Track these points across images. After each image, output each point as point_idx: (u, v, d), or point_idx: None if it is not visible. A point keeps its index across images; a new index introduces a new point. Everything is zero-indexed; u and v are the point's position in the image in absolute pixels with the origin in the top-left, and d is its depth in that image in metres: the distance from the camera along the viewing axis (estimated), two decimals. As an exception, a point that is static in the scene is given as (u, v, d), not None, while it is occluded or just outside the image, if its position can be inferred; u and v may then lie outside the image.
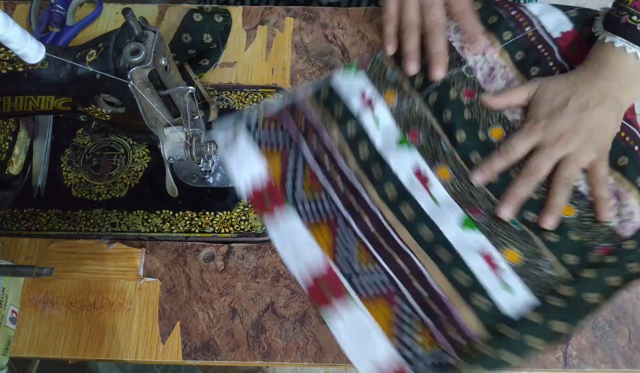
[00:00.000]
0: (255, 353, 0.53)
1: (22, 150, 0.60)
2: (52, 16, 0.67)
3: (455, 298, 0.50)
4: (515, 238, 0.53)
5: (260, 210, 0.55)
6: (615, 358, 0.52)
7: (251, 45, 0.67)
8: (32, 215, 0.58)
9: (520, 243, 0.53)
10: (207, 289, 0.55)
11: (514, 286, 0.50)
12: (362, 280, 0.52)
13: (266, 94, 0.64)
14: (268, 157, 0.56)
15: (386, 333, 0.50)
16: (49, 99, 0.48)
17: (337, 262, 0.52)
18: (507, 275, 0.51)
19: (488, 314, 0.49)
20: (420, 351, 0.49)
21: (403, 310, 0.50)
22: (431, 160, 0.57)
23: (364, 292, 0.51)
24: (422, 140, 0.58)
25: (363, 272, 0.52)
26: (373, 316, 0.50)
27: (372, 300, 0.51)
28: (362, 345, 0.49)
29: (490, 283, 0.51)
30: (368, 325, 0.50)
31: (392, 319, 0.50)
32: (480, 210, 0.54)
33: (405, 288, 0.51)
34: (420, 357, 0.48)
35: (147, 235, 0.57)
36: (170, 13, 0.69)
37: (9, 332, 0.53)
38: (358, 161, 0.56)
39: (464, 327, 0.49)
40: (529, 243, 0.52)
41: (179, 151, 0.52)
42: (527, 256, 0.52)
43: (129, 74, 0.44)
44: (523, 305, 0.49)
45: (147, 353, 0.53)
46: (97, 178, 0.60)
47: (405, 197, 0.55)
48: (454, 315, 0.49)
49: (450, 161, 0.57)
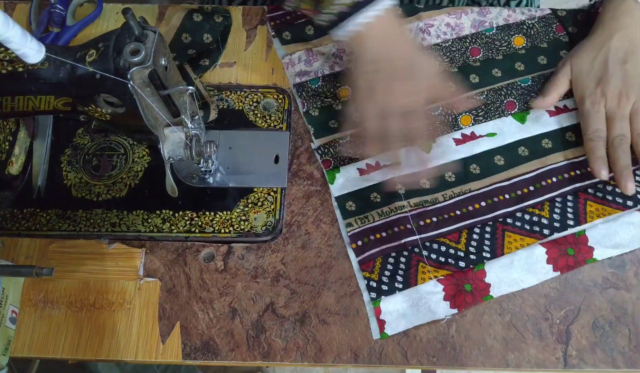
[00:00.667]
0: (255, 353, 0.53)
1: (22, 150, 0.60)
2: (52, 16, 0.67)
3: None
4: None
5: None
6: (615, 358, 0.52)
7: (251, 45, 0.67)
8: (32, 215, 0.58)
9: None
10: (207, 289, 0.55)
11: None
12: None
13: (266, 94, 0.64)
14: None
15: None
16: (49, 99, 0.48)
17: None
18: None
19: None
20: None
21: None
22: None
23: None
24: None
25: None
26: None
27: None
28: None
29: None
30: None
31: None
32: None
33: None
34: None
35: (147, 235, 0.57)
36: (170, 13, 0.69)
37: (9, 332, 0.53)
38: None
39: None
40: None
41: (179, 151, 0.52)
42: None
43: (129, 74, 0.44)
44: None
45: (147, 353, 0.53)
46: (97, 178, 0.60)
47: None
48: None
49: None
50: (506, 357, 0.52)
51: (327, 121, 0.62)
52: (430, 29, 0.66)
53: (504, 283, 0.54)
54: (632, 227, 0.56)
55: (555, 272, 0.55)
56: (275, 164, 0.60)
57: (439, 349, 0.53)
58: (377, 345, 0.53)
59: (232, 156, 0.61)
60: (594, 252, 0.55)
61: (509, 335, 0.53)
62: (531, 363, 0.52)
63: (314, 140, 0.62)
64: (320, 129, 0.62)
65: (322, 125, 0.62)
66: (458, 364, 0.52)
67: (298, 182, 0.60)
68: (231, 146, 0.61)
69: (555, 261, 0.55)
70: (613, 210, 0.57)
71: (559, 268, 0.55)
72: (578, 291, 0.55)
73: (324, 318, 0.54)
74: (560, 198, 0.58)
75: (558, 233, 0.56)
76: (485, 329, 0.53)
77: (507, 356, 0.52)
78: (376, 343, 0.53)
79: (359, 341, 0.53)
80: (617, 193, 0.57)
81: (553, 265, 0.55)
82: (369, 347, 0.53)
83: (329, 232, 0.57)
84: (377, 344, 0.53)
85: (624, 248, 0.56)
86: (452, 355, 0.53)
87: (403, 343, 0.53)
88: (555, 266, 0.55)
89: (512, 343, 0.53)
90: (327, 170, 0.60)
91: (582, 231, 0.56)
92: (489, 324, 0.54)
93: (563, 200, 0.58)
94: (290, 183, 0.60)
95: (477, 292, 0.54)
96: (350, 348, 0.53)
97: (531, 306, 0.54)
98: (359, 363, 0.52)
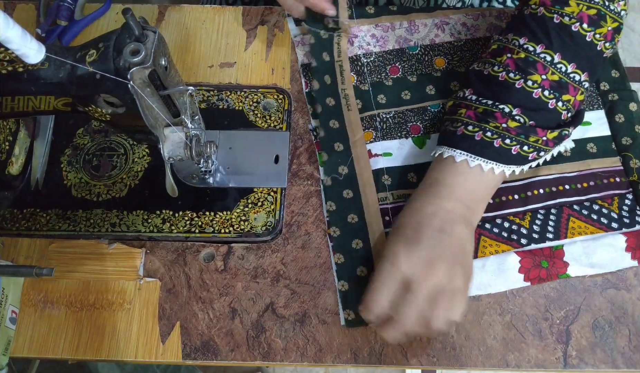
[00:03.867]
0: (255, 354, 0.53)
1: (22, 150, 0.60)
2: (61, 10, 0.67)
3: None
4: None
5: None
6: (615, 359, 0.52)
7: (251, 45, 0.67)
8: (32, 215, 0.58)
9: None
10: (207, 289, 0.55)
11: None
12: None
13: (266, 94, 0.64)
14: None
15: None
16: (49, 99, 0.48)
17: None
18: None
19: None
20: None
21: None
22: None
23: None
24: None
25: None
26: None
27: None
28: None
29: None
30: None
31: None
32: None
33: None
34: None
35: (147, 235, 0.57)
36: (170, 13, 0.69)
37: (9, 332, 0.53)
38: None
39: None
40: None
41: (179, 151, 0.52)
42: None
43: (129, 74, 0.43)
44: None
45: (147, 353, 0.53)
46: (97, 178, 0.60)
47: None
48: None
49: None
50: (506, 357, 0.52)
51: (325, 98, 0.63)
52: (353, 39, 0.66)
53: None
54: (613, 249, 0.55)
55: (525, 282, 0.54)
56: (275, 164, 0.60)
57: (439, 349, 0.53)
58: (377, 345, 0.53)
59: (232, 156, 0.61)
60: (568, 268, 0.55)
61: (509, 335, 0.53)
62: (531, 363, 0.52)
63: (312, 120, 0.62)
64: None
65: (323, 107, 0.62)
66: (458, 364, 0.52)
67: (298, 182, 0.60)
68: (231, 146, 0.61)
69: (527, 271, 0.55)
70: (596, 230, 0.56)
71: (530, 279, 0.55)
72: (578, 291, 0.55)
73: (324, 318, 0.54)
74: (543, 211, 0.57)
75: (536, 244, 0.56)
76: (485, 329, 0.53)
77: (507, 356, 0.52)
78: (376, 343, 0.53)
79: (359, 341, 0.53)
80: (603, 214, 0.57)
81: (524, 274, 0.55)
82: (369, 347, 0.53)
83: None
84: (377, 344, 0.53)
85: (601, 268, 0.55)
86: (452, 355, 0.53)
87: (403, 343, 0.53)
88: (526, 276, 0.55)
89: (512, 344, 0.53)
90: (319, 152, 0.60)
91: (560, 246, 0.55)
92: (489, 324, 0.54)
93: (546, 212, 0.57)
94: (290, 183, 0.60)
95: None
96: (350, 348, 0.53)
97: (531, 306, 0.54)
98: (359, 363, 0.52)
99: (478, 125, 0.52)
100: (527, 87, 0.51)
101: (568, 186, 0.58)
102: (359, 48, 0.66)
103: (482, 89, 0.54)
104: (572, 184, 0.58)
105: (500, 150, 0.51)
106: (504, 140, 0.51)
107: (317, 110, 0.62)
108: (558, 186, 0.58)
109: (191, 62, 0.66)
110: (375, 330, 0.52)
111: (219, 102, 0.63)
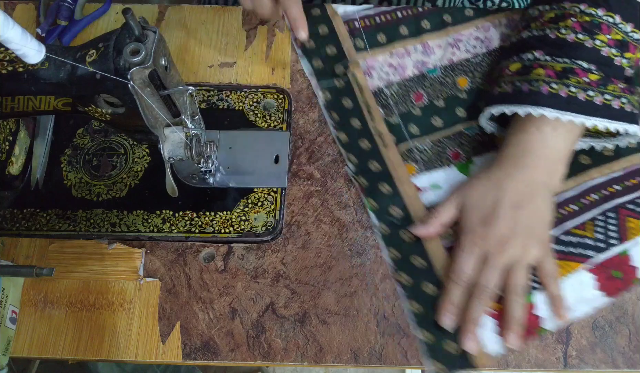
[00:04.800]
0: (255, 354, 0.53)
1: (22, 150, 0.60)
2: (61, 10, 0.67)
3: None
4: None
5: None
6: (615, 359, 0.52)
7: (251, 45, 0.67)
8: (32, 215, 0.58)
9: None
10: (207, 289, 0.55)
11: None
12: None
13: (266, 94, 0.64)
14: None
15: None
16: (49, 99, 0.48)
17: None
18: None
19: None
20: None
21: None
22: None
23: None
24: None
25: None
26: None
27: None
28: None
29: None
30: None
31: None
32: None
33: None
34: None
35: (147, 235, 0.57)
36: (170, 13, 0.69)
37: (9, 332, 0.53)
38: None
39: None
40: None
41: (179, 151, 0.52)
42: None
43: (129, 74, 0.44)
44: None
45: (147, 353, 0.53)
46: (97, 178, 0.60)
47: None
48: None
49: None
50: (506, 357, 0.52)
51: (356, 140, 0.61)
52: (372, 71, 0.65)
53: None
54: None
55: (609, 297, 0.54)
56: (275, 164, 0.60)
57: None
58: (377, 345, 0.53)
59: (232, 156, 0.61)
60: (637, 272, 0.54)
61: (509, 335, 0.53)
62: (531, 363, 0.52)
63: (349, 164, 0.60)
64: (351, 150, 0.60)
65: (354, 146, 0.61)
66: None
67: (298, 182, 0.60)
68: (231, 146, 0.61)
69: (604, 285, 0.54)
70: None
71: (610, 294, 0.54)
72: (578, 291, 0.55)
73: (324, 319, 0.54)
74: (602, 217, 0.56)
75: (602, 253, 0.55)
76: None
77: (507, 356, 0.52)
78: (376, 343, 0.53)
79: (359, 341, 0.53)
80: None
81: (605, 292, 0.54)
82: (369, 347, 0.53)
83: (329, 232, 0.57)
84: (377, 344, 0.53)
85: None
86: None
87: (403, 343, 0.53)
88: (606, 291, 0.54)
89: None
90: (366, 198, 0.58)
91: (624, 251, 0.55)
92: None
93: (605, 218, 0.56)
94: (290, 183, 0.60)
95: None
96: (350, 348, 0.53)
97: (531, 306, 0.54)
98: (359, 364, 0.52)
99: (560, 82, 0.53)
100: (596, 46, 0.54)
101: (618, 186, 0.58)
102: (379, 80, 0.64)
103: (554, 50, 0.55)
104: (621, 183, 0.58)
105: (586, 103, 0.53)
106: (587, 92, 0.53)
107: (354, 159, 0.60)
108: (608, 188, 0.58)
109: (191, 62, 0.66)
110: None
111: (219, 102, 0.63)
